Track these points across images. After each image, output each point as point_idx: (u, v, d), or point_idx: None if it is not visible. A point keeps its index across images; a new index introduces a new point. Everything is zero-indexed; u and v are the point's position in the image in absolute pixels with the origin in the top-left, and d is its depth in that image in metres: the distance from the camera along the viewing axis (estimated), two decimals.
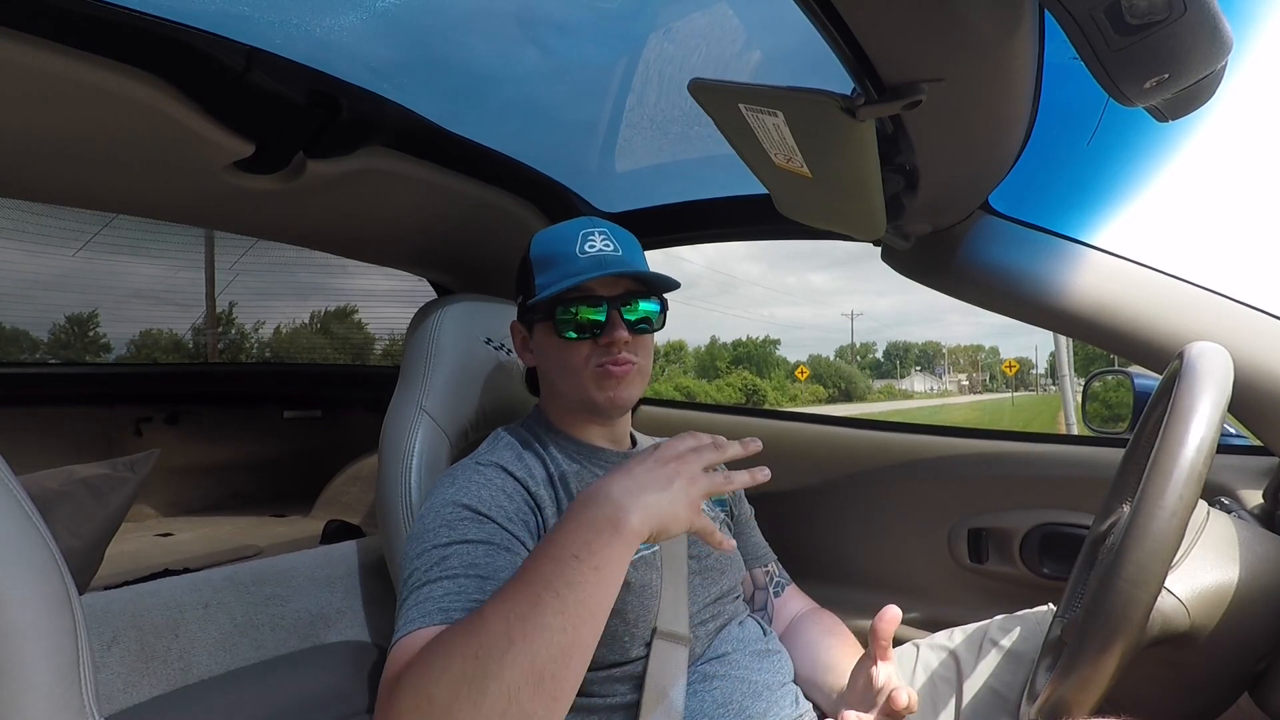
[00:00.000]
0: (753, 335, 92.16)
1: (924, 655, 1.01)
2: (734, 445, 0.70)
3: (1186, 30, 0.50)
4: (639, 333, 0.91)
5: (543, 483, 0.86)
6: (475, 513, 0.78)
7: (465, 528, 0.77)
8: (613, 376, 0.89)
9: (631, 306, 0.90)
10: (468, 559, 0.73)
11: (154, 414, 2.31)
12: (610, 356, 0.88)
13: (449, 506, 0.79)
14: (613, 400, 0.90)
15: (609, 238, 0.92)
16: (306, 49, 1.00)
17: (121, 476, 1.22)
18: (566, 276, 0.88)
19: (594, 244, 0.91)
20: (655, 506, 0.64)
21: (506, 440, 0.93)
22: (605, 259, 0.90)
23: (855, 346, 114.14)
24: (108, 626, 0.87)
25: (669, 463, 0.66)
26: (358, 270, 3.05)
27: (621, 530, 0.62)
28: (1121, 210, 3.85)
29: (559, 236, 0.94)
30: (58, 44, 0.82)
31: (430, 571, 0.73)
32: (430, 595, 0.70)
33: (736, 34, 1.15)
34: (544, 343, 0.93)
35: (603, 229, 0.93)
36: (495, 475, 0.84)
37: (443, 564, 0.73)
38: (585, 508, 0.64)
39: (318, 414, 2.60)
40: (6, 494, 0.58)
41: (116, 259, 3.24)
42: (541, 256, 0.93)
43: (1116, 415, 1.44)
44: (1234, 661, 0.72)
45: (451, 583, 0.71)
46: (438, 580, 0.72)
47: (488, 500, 0.80)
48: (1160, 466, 0.61)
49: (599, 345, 0.89)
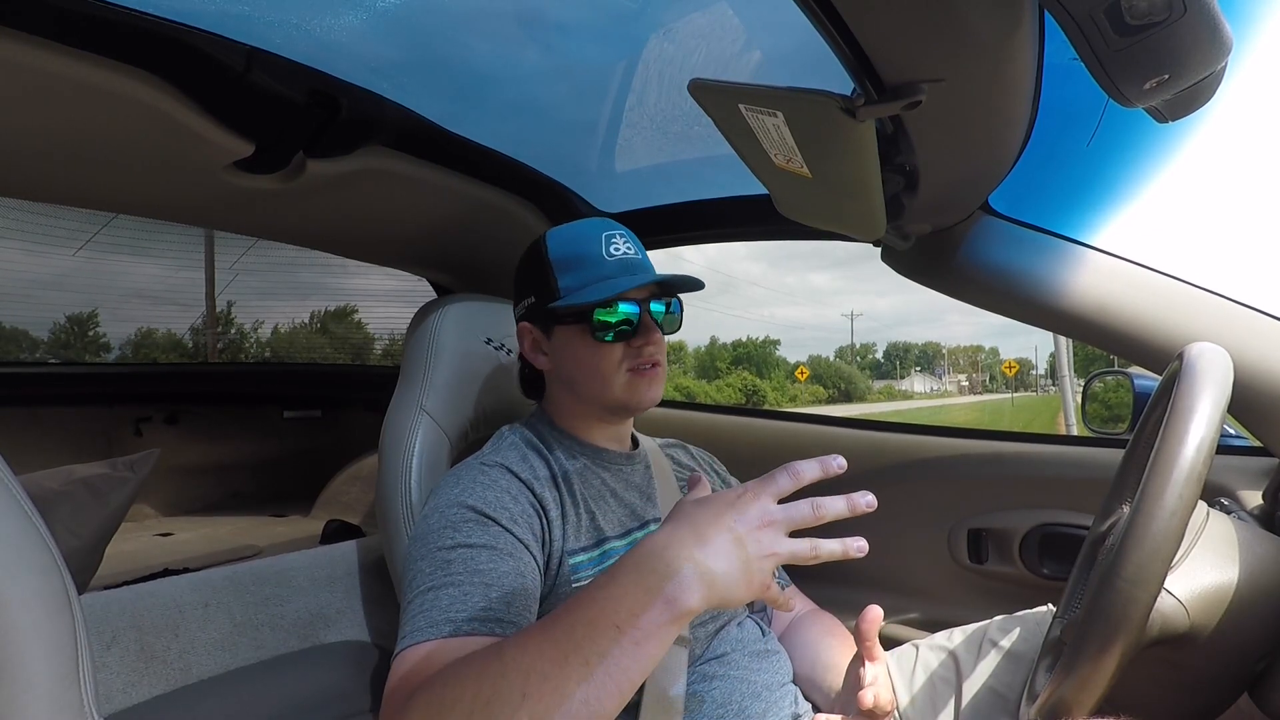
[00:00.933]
0: (753, 335, 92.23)
1: (923, 655, 1.01)
2: (837, 502, 0.60)
3: (1186, 31, 0.50)
4: (665, 334, 0.93)
5: (547, 483, 0.86)
6: (480, 514, 0.78)
7: (469, 530, 0.76)
8: (645, 379, 0.90)
9: (662, 309, 0.92)
10: (472, 564, 0.73)
11: (154, 414, 2.31)
12: (642, 358, 0.90)
13: (453, 507, 0.79)
14: (643, 402, 0.91)
15: (629, 240, 0.94)
16: (306, 49, 1.00)
17: (121, 476, 1.22)
18: (598, 279, 0.89)
19: (618, 247, 0.92)
20: (723, 582, 0.55)
21: (511, 440, 0.93)
22: (632, 263, 0.91)
23: (855, 347, 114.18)
24: (108, 626, 0.87)
25: (751, 524, 0.56)
26: (358, 270, 3.06)
27: (676, 608, 0.54)
28: (1121, 211, 3.83)
29: (580, 236, 0.93)
30: (58, 44, 0.82)
31: (434, 576, 0.73)
32: (436, 603, 0.70)
33: (736, 34, 1.15)
34: (569, 344, 0.92)
35: (620, 232, 0.94)
36: (500, 476, 0.83)
37: (447, 568, 0.73)
38: (639, 568, 0.56)
39: (318, 414, 2.60)
40: (6, 494, 0.58)
41: (116, 259, 3.25)
42: (564, 257, 0.92)
43: (1116, 416, 1.44)
44: (1234, 662, 0.72)
45: (456, 590, 0.71)
46: (442, 586, 0.71)
47: (492, 502, 0.79)
48: (1160, 467, 0.61)
49: (632, 347, 0.90)
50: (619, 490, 0.92)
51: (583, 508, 0.87)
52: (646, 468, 0.98)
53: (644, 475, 0.97)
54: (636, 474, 0.96)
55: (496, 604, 0.71)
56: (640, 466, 0.98)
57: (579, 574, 0.82)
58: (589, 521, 0.86)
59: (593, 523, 0.86)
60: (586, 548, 0.84)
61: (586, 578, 0.82)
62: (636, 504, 0.92)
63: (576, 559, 0.83)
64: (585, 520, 0.86)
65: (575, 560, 0.82)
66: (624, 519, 0.90)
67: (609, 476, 0.93)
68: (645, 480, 0.96)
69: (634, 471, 0.96)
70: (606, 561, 0.84)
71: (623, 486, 0.93)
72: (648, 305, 0.90)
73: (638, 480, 0.96)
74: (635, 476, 0.96)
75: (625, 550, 0.85)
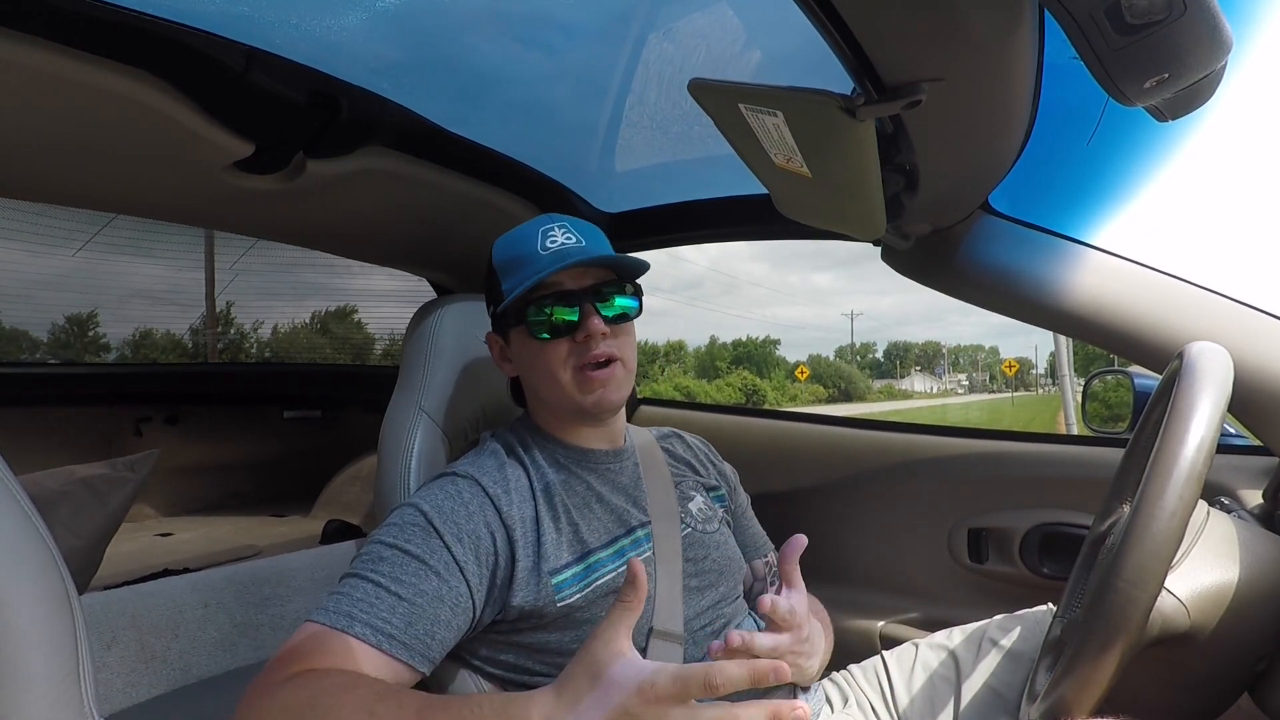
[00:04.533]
0: (753, 335, 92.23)
1: (923, 655, 1.01)
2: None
3: (1186, 30, 0.50)
4: (616, 324, 0.87)
5: (525, 497, 0.84)
6: (428, 523, 0.77)
7: (411, 534, 0.77)
8: (595, 380, 0.86)
9: (605, 299, 0.87)
10: (398, 570, 0.74)
11: (154, 414, 2.32)
12: (590, 352, 0.85)
13: (410, 508, 0.80)
14: (599, 403, 0.87)
15: (570, 230, 0.89)
16: (307, 49, 1.00)
17: (121, 476, 1.22)
18: (529, 275, 0.85)
19: (554, 238, 0.87)
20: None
21: (491, 448, 0.90)
22: (568, 251, 0.86)
23: (855, 346, 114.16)
24: (107, 626, 0.87)
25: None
26: (358, 270, 3.06)
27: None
28: (1121, 210, 3.83)
29: (518, 237, 0.91)
30: (58, 44, 0.82)
31: (364, 564, 0.75)
32: (351, 591, 0.72)
33: (737, 34, 1.15)
34: (521, 349, 0.90)
35: (562, 223, 0.90)
36: (467, 488, 0.82)
37: (377, 564, 0.74)
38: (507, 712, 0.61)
39: (317, 414, 2.60)
40: (6, 494, 0.58)
41: (116, 259, 3.25)
42: (504, 261, 0.91)
43: (1116, 415, 1.45)
44: (1234, 662, 0.72)
45: (372, 589, 0.72)
46: (364, 579, 0.73)
47: (446, 513, 0.78)
48: (1160, 466, 0.61)
49: (576, 342, 0.85)
50: (605, 494, 0.90)
51: (564, 520, 0.84)
52: (635, 465, 0.95)
53: (632, 474, 0.94)
54: (625, 473, 0.94)
55: (398, 620, 0.71)
56: (629, 464, 0.95)
57: (563, 592, 0.80)
58: (571, 534, 0.84)
59: (575, 535, 0.84)
60: (570, 563, 0.82)
61: (571, 595, 0.80)
62: (623, 508, 0.89)
63: (560, 577, 0.80)
64: (567, 533, 0.84)
65: (559, 579, 0.80)
66: (610, 526, 0.87)
67: (594, 480, 0.90)
68: (634, 480, 0.94)
69: (621, 470, 0.94)
70: (591, 575, 0.82)
71: (609, 489, 0.90)
72: (589, 296, 0.85)
73: (625, 481, 0.93)
74: (623, 476, 0.93)
75: (610, 559, 0.84)
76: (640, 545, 0.87)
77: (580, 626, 0.80)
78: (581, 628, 0.80)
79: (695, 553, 0.91)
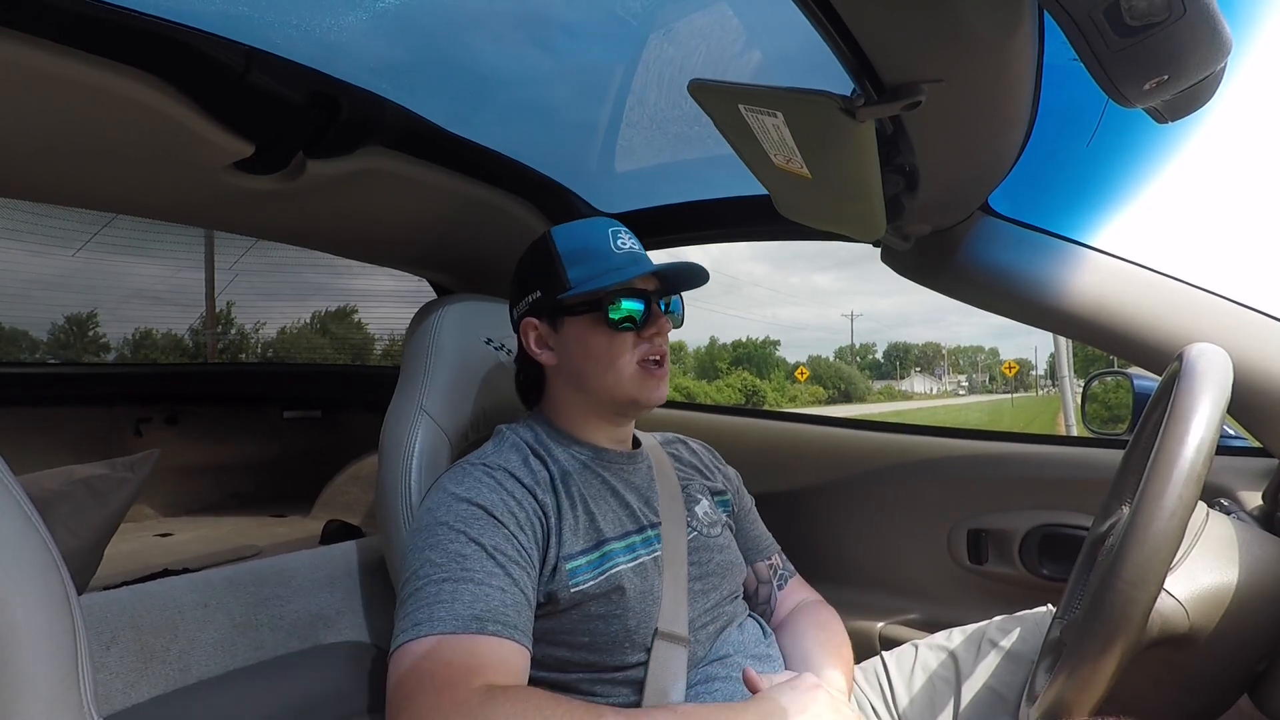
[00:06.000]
0: (753, 336, 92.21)
1: (923, 655, 1.01)
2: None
3: (1186, 31, 0.50)
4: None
5: (546, 487, 0.86)
6: (490, 516, 0.78)
7: (482, 528, 0.77)
8: (654, 377, 0.91)
9: (667, 302, 0.94)
10: (488, 564, 0.74)
11: (154, 414, 2.31)
12: (653, 348, 0.91)
13: (463, 504, 0.79)
14: (651, 399, 0.92)
15: (633, 238, 0.96)
16: (306, 49, 1.00)
17: (121, 476, 1.21)
18: (609, 270, 0.90)
19: (624, 242, 0.94)
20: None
21: (512, 441, 0.92)
22: (639, 257, 0.93)
23: (855, 347, 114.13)
24: (107, 627, 0.87)
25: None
26: (358, 270, 3.06)
27: None
28: (1121, 211, 3.83)
29: (588, 231, 0.95)
30: (58, 44, 0.82)
31: (448, 568, 0.73)
32: (457, 595, 0.71)
33: (737, 35, 1.15)
34: (581, 337, 0.92)
35: (625, 230, 0.96)
36: (505, 479, 0.83)
37: (463, 562, 0.74)
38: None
39: (318, 414, 2.60)
40: (6, 494, 0.58)
41: (116, 259, 3.25)
42: (574, 250, 0.93)
43: (1116, 416, 1.44)
44: (1233, 663, 0.72)
45: (477, 587, 0.72)
46: (461, 581, 0.72)
47: (499, 505, 0.80)
48: (1160, 467, 0.61)
49: (643, 337, 0.91)
50: (619, 489, 0.92)
51: (580, 509, 0.86)
52: (649, 468, 0.98)
53: (645, 476, 0.96)
54: (638, 474, 0.96)
55: (511, 609, 0.72)
56: (643, 467, 0.97)
57: (577, 578, 0.81)
58: (588, 522, 0.86)
59: (591, 523, 0.86)
60: (585, 550, 0.83)
61: (585, 581, 0.81)
62: (636, 506, 0.91)
63: (575, 563, 0.82)
64: (584, 521, 0.85)
65: (573, 564, 0.82)
66: (623, 519, 0.89)
67: (609, 475, 0.92)
68: (646, 482, 0.96)
69: (635, 472, 0.96)
70: (606, 563, 0.83)
71: (623, 486, 0.92)
72: (656, 298, 0.92)
73: (639, 481, 0.95)
74: (636, 477, 0.95)
75: (623, 552, 0.85)
76: (651, 545, 0.89)
77: (588, 616, 0.81)
78: (591, 621, 0.81)
79: (700, 556, 0.92)
